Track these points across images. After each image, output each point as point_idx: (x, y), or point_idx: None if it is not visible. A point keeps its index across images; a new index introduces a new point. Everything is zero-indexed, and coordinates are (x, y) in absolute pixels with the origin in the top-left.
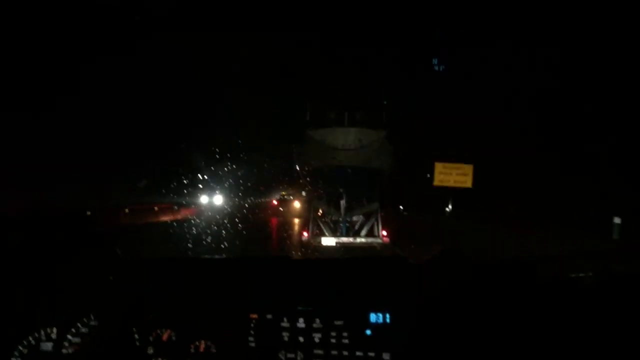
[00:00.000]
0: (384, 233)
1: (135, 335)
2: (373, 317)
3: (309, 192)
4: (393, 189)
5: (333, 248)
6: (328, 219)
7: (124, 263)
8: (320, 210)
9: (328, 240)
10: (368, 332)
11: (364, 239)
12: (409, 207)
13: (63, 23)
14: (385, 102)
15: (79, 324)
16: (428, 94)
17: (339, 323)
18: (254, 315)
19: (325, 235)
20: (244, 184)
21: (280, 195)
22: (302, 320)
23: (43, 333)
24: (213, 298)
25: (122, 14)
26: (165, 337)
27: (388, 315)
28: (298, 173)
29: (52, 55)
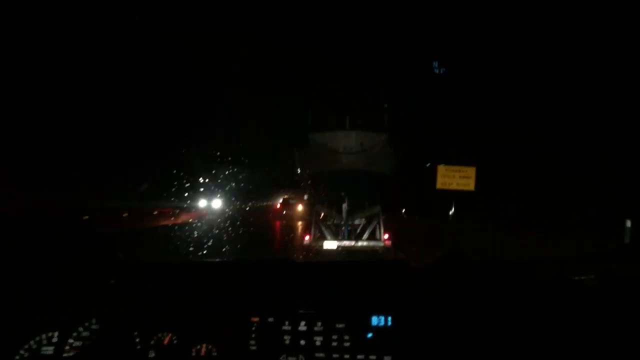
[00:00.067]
0: (386, 236)
1: (137, 339)
2: (375, 320)
3: (311, 195)
4: (395, 192)
5: (335, 251)
6: (330, 223)
7: (125, 266)
8: (322, 214)
9: (330, 244)
10: (369, 335)
11: (366, 243)
12: (411, 210)
13: (63, 23)
14: (386, 104)
15: (81, 328)
16: (428, 95)
17: (341, 326)
18: (255, 319)
19: (327, 239)
20: (246, 188)
21: (284, 199)
22: (303, 324)
23: (44, 337)
24: (214, 301)
25: (122, 14)
26: (167, 340)
27: (390, 319)
28: (299, 176)
29: (51, 55)
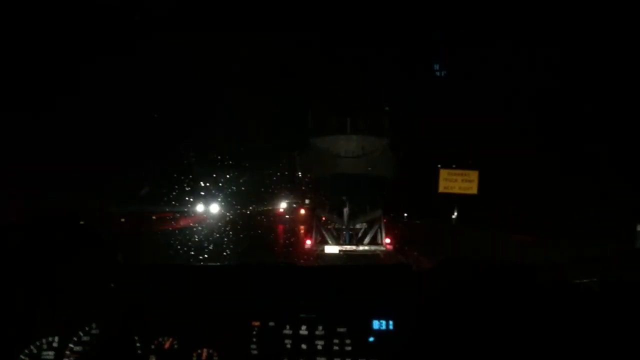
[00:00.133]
0: (387, 240)
1: (137, 343)
2: (376, 324)
3: (312, 199)
4: (396, 196)
5: (336, 256)
6: (331, 227)
7: (125, 269)
8: (323, 218)
9: (331, 248)
10: (371, 339)
11: (367, 247)
12: (413, 214)
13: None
14: (387, 107)
15: (81, 332)
16: (429, 95)
17: (342, 330)
18: (256, 323)
19: (329, 243)
20: (247, 192)
21: (285, 203)
22: (304, 328)
23: (45, 341)
24: (215, 305)
25: (122, 14)
26: (167, 345)
27: (391, 323)
28: (300, 180)
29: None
